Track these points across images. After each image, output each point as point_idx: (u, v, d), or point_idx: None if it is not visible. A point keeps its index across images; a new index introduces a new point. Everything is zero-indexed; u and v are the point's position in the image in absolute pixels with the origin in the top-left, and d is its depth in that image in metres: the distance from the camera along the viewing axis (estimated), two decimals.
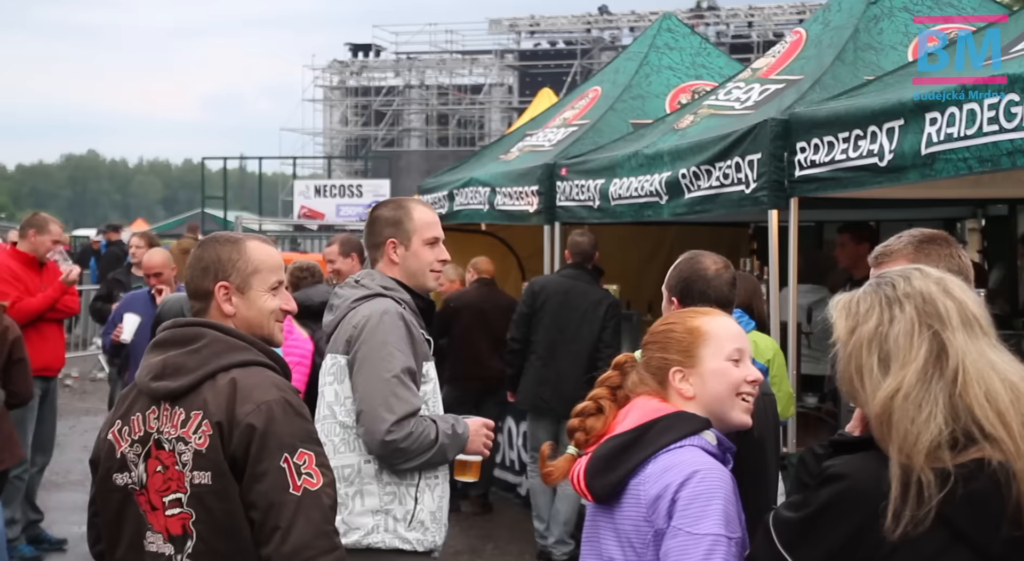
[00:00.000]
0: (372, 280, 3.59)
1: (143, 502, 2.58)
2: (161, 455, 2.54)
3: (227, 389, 2.50)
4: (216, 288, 2.65)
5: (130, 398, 2.67)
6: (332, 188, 28.61)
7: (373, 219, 3.66)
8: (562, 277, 7.25)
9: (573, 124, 8.49)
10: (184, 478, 2.50)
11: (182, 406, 2.53)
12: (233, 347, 2.59)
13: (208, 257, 2.68)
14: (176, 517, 2.51)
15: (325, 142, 45.59)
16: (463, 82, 44.53)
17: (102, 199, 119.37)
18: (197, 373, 2.54)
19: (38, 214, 7.43)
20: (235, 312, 2.66)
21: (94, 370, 14.86)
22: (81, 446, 10.23)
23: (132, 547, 2.60)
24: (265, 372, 2.58)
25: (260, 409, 2.47)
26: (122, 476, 2.61)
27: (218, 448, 2.47)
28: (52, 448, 7.31)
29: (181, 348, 2.59)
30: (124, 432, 2.61)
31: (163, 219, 58.89)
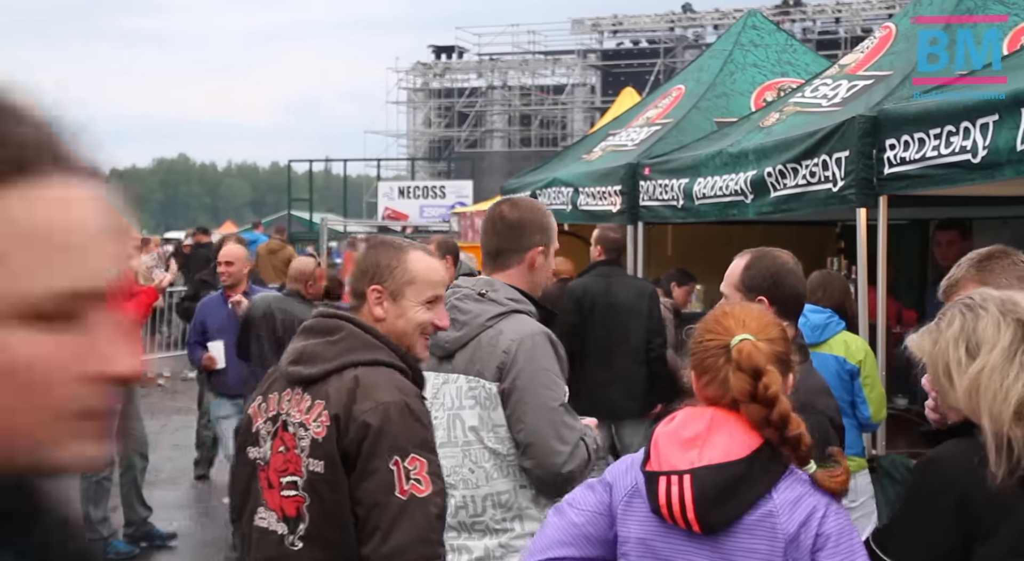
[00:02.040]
0: (496, 292, 3.33)
1: (262, 478, 2.65)
2: (285, 437, 2.61)
3: (350, 384, 2.55)
4: (369, 291, 2.70)
5: (274, 377, 2.76)
6: (415, 189, 28.82)
7: (518, 222, 3.37)
8: (598, 276, 7.08)
9: (656, 123, 8.43)
10: (301, 463, 2.56)
11: (309, 393, 2.60)
12: (367, 345, 2.63)
13: (369, 260, 2.75)
14: (291, 499, 2.57)
15: (408, 144, 45.95)
16: (545, 82, 44.54)
17: (192, 202, 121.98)
18: (328, 364, 2.60)
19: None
20: (385, 317, 2.70)
21: (184, 370, 15.14)
22: (172, 445, 10.45)
23: (249, 520, 2.69)
24: (391, 373, 2.60)
25: (378, 409, 2.50)
26: (254, 450, 2.70)
27: (333, 440, 2.52)
28: (148, 449, 7.45)
29: (320, 338, 2.66)
30: (262, 408, 2.71)
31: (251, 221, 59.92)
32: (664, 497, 2.20)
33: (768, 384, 2.19)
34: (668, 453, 2.24)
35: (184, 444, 10.32)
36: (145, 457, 7.33)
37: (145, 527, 7.26)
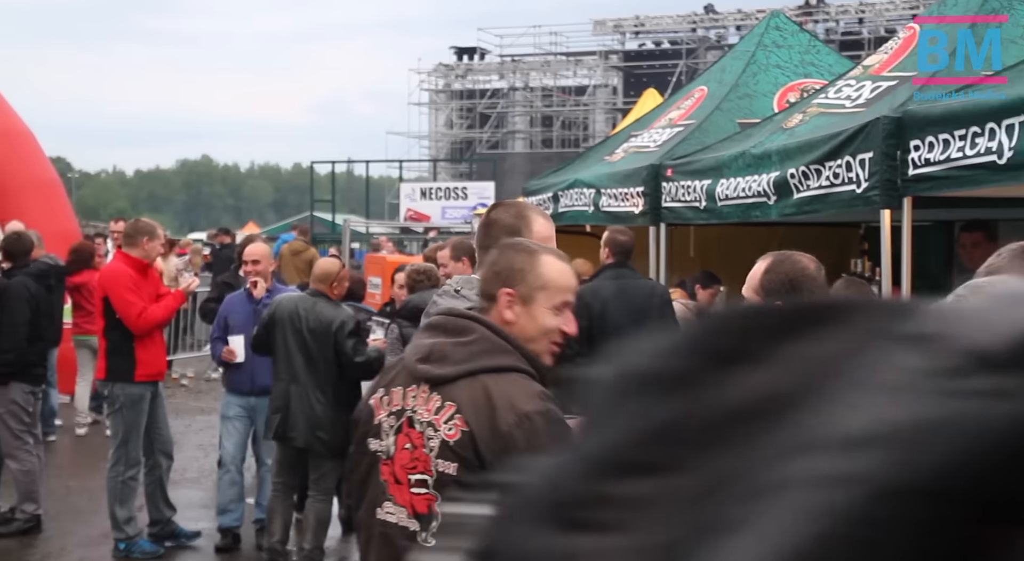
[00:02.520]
0: (472, 289, 3.43)
1: (386, 472, 2.65)
2: (411, 434, 2.62)
3: (485, 392, 2.55)
4: (500, 293, 2.70)
5: (395, 370, 2.75)
6: (437, 191, 28.88)
7: (490, 222, 3.51)
8: (608, 279, 7.02)
9: (679, 124, 8.42)
10: (431, 462, 2.57)
11: (439, 393, 2.60)
12: (499, 349, 2.62)
13: (502, 263, 2.75)
14: (422, 497, 2.58)
15: (430, 145, 46.04)
16: (567, 84, 44.54)
17: (215, 203, 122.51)
18: (459, 366, 2.59)
19: (144, 221, 7.36)
20: (515, 321, 2.69)
21: (208, 370, 15.22)
22: (196, 445, 10.51)
23: (369, 511, 2.70)
24: (524, 379, 2.60)
25: (522, 421, 2.50)
26: (375, 442, 2.69)
27: (468, 446, 2.52)
28: (173, 448, 7.49)
29: (451, 337, 2.65)
30: (384, 401, 2.70)
31: (273, 222, 60.16)
32: None
33: None
34: None
35: (208, 444, 10.37)
36: (170, 457, 7.38)
37: (170, 526, 7.31)
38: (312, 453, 6.64)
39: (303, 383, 6.55)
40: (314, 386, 6.54)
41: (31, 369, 7.58)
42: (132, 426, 6.95)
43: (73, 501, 8.43)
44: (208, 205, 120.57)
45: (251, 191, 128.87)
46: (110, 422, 7.26)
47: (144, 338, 6.95)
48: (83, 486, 8.80)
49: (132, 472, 6.99)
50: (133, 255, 7.04)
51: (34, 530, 7.49)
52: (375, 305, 9.79)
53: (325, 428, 6.53)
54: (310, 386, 6.54)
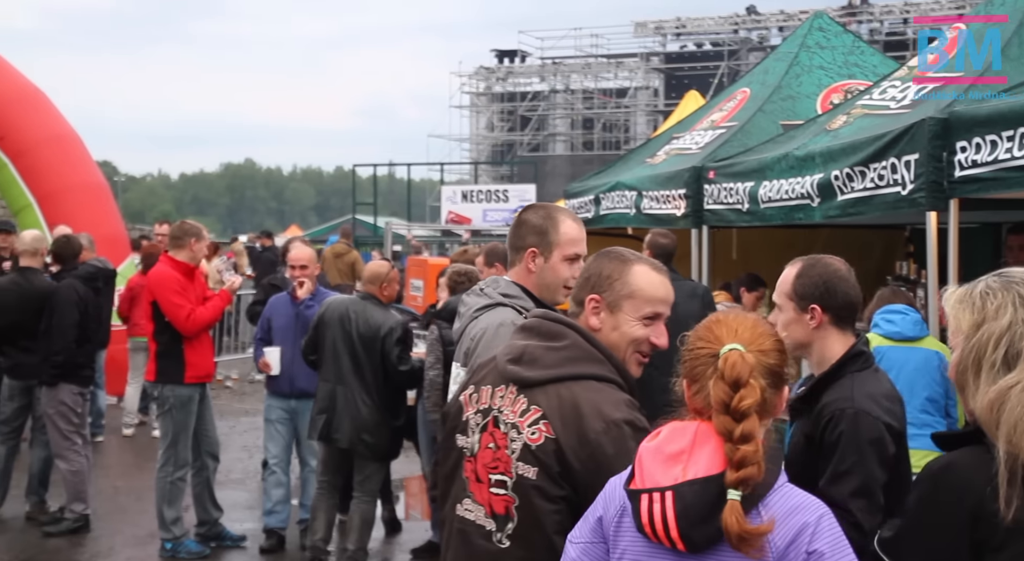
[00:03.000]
0: (495, 288, 3.50)
1: (469, 469, 2.66)
2: (496, 434, 2.61)
3: (573, 400, 2.54)
4: (587, 299, 2.71)
5: (487, 369, 2.75)
6: (478, 193, 28.90)
7: (520, 222, 3.55)
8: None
9: (721, 126, 8.39)
10: (511, 464, 2.56)
11: (526, 396, 2.59)
12: (590, 357, 2.62)
13: (592, 269, 2.75)
14: (501, 497, 2.58)
15: (471, 148, 46.13)
16: (608, 86, 44.45)
17: (258, 206, 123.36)
18: (550, 371, 2.59)
19: (191, 223, 7.41)
20: (600, 328, 2.70)
21: (252, 372, 15.35)
22: (241, 446, 10.60)
23: (452, 506, 2.72)
24: (612, 389, 2.60)
25: (610, 429, 2.50)
26: (462, 439, 2.71)
27: (551, 453, 2.51)
28: (219, 450, 7.57)
29: (543, 341, 2.65)
30: (473, 398, 2.71)
31: (316, 225, 60.53)
32: (647, 515, 2.15)
33: (744, 397, 2.12)
34: (652, 470, 2.19)
35: (252, 446, 10.47)
36: (216, 458, 7.45)
37: (216, 528, 7.38)
38: (356, 455, 6.69)
39: (349, 385, 6.59)
40: (360, 389, 6.58)
41: (80, 370, 7.68)
42: (181, 427, 7.03)
43: (121, 501, 8.54)
44: (251, 208, 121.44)
45: (293, 194, 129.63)
46: (159, 423, 7.35)
47: (193, 340, 7.03)
48: (130, 486, 8.91)
49: (181, 473, 7.07)
50: (179, 258, 7.11)
51: (83, 529, 7.60)
52: (418, 308, 9.84)
53: (370, 431, 6.58)
54: (356, 388, 6.58)
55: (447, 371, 6.66)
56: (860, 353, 3.23)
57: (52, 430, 7.62)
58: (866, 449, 3.02)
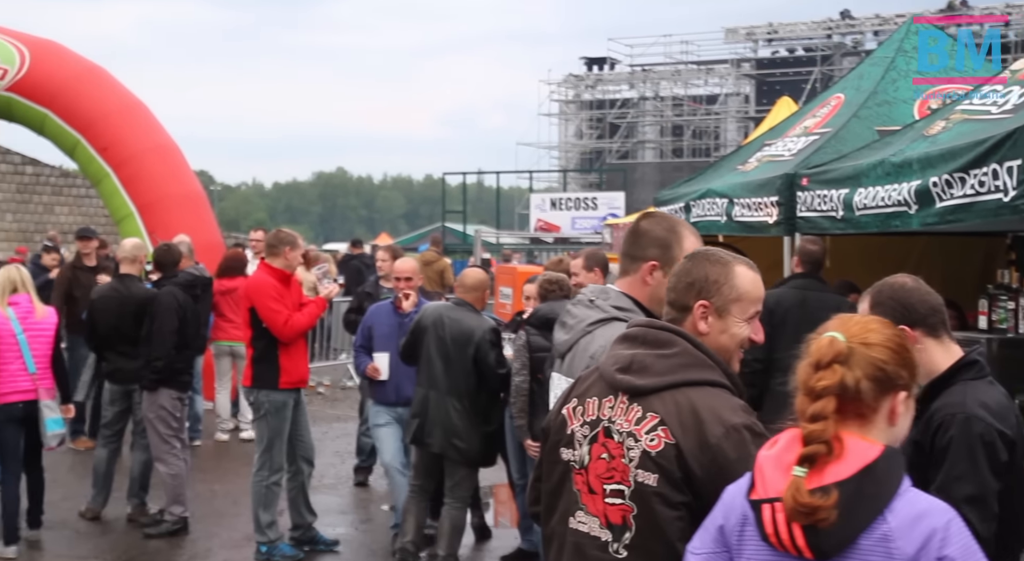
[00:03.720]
0: (606, 299, 3.39)
1: (580, 482, 2.65)
2: (609, 444, 2.60)
3: (691, 405, 2.54)
4: (696, 305, 2.71)
5: (590, 380, 2.75)
6: (567, 201, 28.91)
7: (641, 232, 3.41)
8: (794, 288, 6.99)
9: (814, 133, 8.27)
10: (629, 472, 2.55)
11: (640, 404, 2.58)
12: (701, 363, 2.63)
13: (696, 274, 2.74)
14: (617, 507, 2.57)
15: (560, 155, 46.16)
16: (698, 92, 44.13)
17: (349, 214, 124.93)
18: (663, 378, 2.59)
19: (286, 231, 7.51)
20: (708, 332, 2.70)
21: (343, 379, 15.56)
22: (333, 452, 10.75)
23: (562, 520, 2.71)
24: (729, 396, 2.61)
25: (730, 434, 2.51)
26: (568, 452, 2.70)
27: (672, 459, 2.50)
28: (314, 455, 7.67)
29: (652, 349, 2.66)
30: (578, 411, 2.70)
31: (405, 233, 61.11)
32: (771, 525, 2.12)
33: (821, 377, 2.13)
34: (772, 478, 2.17)
35: (345, 451, 10.61)
36: (311, 463, 7.56)
37: (310, 532, 7.49)
38: (447, 460, 6.74)
39: (441, 390, 6.65)
40: (451, 394, 6.63)
41: (179, 376, 7.87)
42: (276, 432, 7.15)
43: (217, 504, 8.71)
44: (343, 216, 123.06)
45: (384, 202, 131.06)
46: (255, 428, 7.48)
47: (288, 346, 7.15)
48: (226, 490, 9.09)
49: (276, 477, 7.19)
50: (275, 265, 7.24)
51: (181, 532, 7.78)
52: (505, 315, 9.87)
53: (461, 436, 6.62)
54: (448, 393, 6.64)
55: (533, 378, 6.69)
56: (974, 362, 3.19)
57: (152, 434, 7.81)
58: (978, 454, 2.97)
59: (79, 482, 9.08)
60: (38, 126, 13.54)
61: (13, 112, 13.57)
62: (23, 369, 7.19)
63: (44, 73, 13.29)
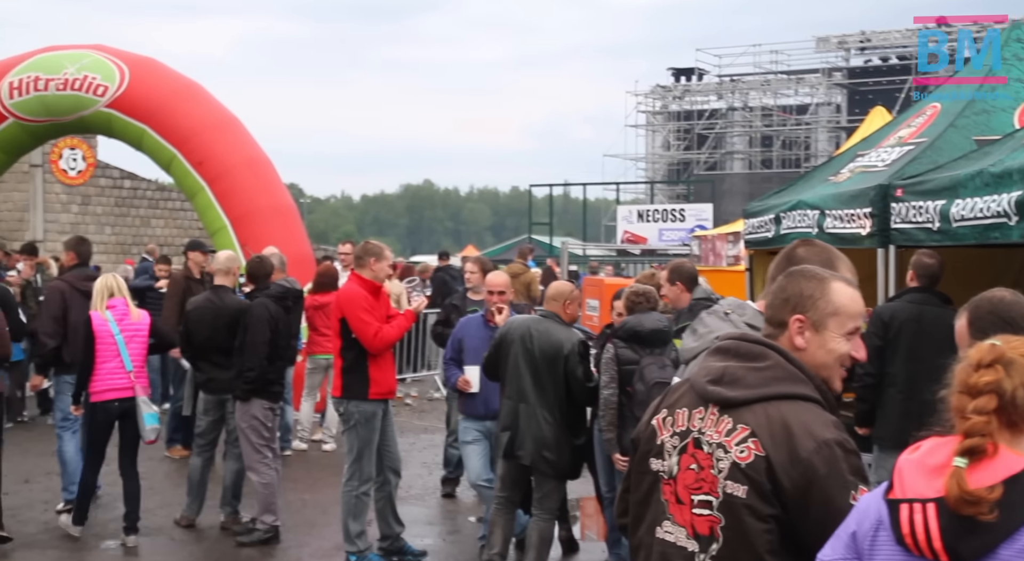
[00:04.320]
0: (741, 315, 3.40)
1: (668, 492, 2.68)
2: (698, 455, 2.62)
3: (782, 419, 2.55)
4: (791, 320, 2.72)
5: (680, 391, 2.77)
6: (654, 213, 28.80)
7: (795, 258, 3.31)
8: (909, 303, 6.85)
9: (909, 143, 8.11)
10: (718, 483, 2.57)
11: (731, 416, 2.60)
12: (793, 377, 2.63)
13: (791, 289, 2.76)
14: (704, 518, 2.59)
15: (647, 167, 45.96)
16: (788, 102, 43.61)
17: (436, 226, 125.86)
18: (754, 390, 2.60)
19: (372, 243, 7.59)
20: (806, 347, 2.70)
21: (431, 390, 15.66)
22: (420, 463, 10.81)
23: (649, 530, 2.74)
24: (820, 410, 2.60)
25: (821, 448, 2.50)
26: (657, 462, 2.72)
27: (762, 471, 2.51)
28: (401, 466, 7.73)
29: (744, 362, 2.67)
30: (667, 422, 2.73)
31: (491, 245, 61.37)
32: (908, 526, 2.08)
33: (983, 374, 2.08)
34: (913, 481, 2.13)
35: (432, 462, 10.66)
36: (398, 474, 7.62)
37: (399, 542, 7.53)
38: (537, 472, 6.73)
39: (531, 403, 6.65)
40: (542, 406, 6.63)
41: (270, 386, 7.99)
42: (366, 442, 7.22)
43: (308, 514, 8.82)
44: (429, 228, 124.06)
45: (470, 214, 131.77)
46: (345, 438, 7.56)
47: (377, 357, 7.22)
48: (316, 499, 9.20)
49: (365, 487, 7.25)
50: (365, 276, 7.32)
51: (273, 540, 7.88)
52: (594, 327, 9.85)
53: (551, 448, 6.61)
54: (538, 406, 6.63)
55: (622, 391, 6.66)
56: None
57: (244, 443, 7.94)
58: None
59: (174, 490, 9.27)
60: (136, 141, 13.90)
61: (113, 128, 13.97)
62: (120, 367, 7.66)
63: (143, 90, 13.65)
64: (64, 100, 13.72)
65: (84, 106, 13.71)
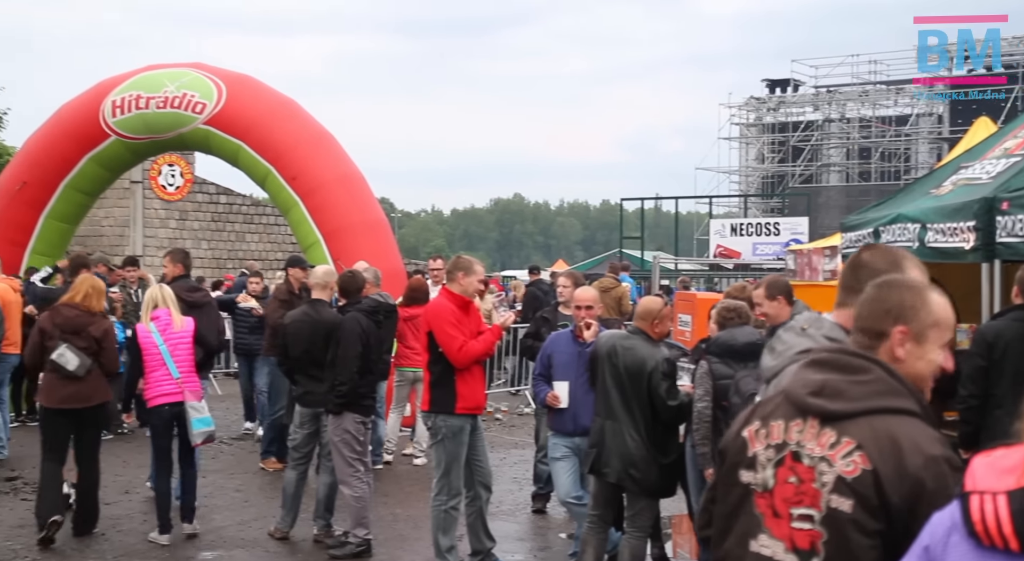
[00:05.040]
0: (819, 329, 3.35)
1: (763, 505, 2.65)
2: (797, 468, 2.59)
3: (889, 433, 2.52)
4: (893, 331, 2.70)
5: (774, 403, 2.74)
6: (748, 226, 28.48)
7: (860, 264, 3.35)
8: (1015, 321, 6.60)
9: (1016, 154, 7.85)
10: (820, 497, 2.53)
11: (833, 428, 2.56)
12: (896, 391, 2.60)
13: (892, 299, 2.73)
14: (805, 532, 2.55)
15: (740, 180, 45.47)
16: (887, 113, 42.77)
17: (526, 241, 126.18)
18: (858, 404, 2.56)
19: (463, 257, 7.65)
20: (905, 359, 2.68)
21: (521, 405, 15.63)
22: (511, 478, 10.77)
23: (740, 543, 2.70)
24: (925, 425, 2.58)
25: (929, 464, 2.47)
26: (748, 474, 2.69)
27: (870, 485, 2.47)
28: (492, 481, 7.69)
29: (845, 374, 2.63)
30: (761, 434, 2.70)
31: (581, 259, 61.26)
32: (979, 514, 2.09)
33: None
34: (984, 477, 2.14)
35: (522, 478, 10.62)
36: (489, 488, 7.59)
37: (490, 558, 7.50)
38: (626, 489, 6.66)
39: (618, 420, 6.59)
40: (628, 423, 6.57)
41: (362, 400, 8.03)
42: (453, 457, 7.21)
43: (399, 528, 8.84)
44: (519, 242, 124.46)
45: (560, 228, 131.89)
46: (433, 453, 7.56)
47: (464, 372, 7.21)
48: (408, 514, 9.22)
49: (454, 502, 7.24)
50: (454, 291, 7.35)
51: (365, 554, 7.90)
52: (686, 343, 9.72)
53: (638, 466, 6.54)
54: (624, 423, 6.57)
55: (716, 405, 6.55)
56: None
57: (337, 457, 7.99)
58: None
59: (268, 503, 9.37)
60: (232, 157, 14.17)
61: (210, 144, 14.26)
62: (168, 375, 8.14)
63: (239, 106, 13.92)
64: (164, 118, 14.05)
65: (183, 123, 14.03)
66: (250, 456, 11.64)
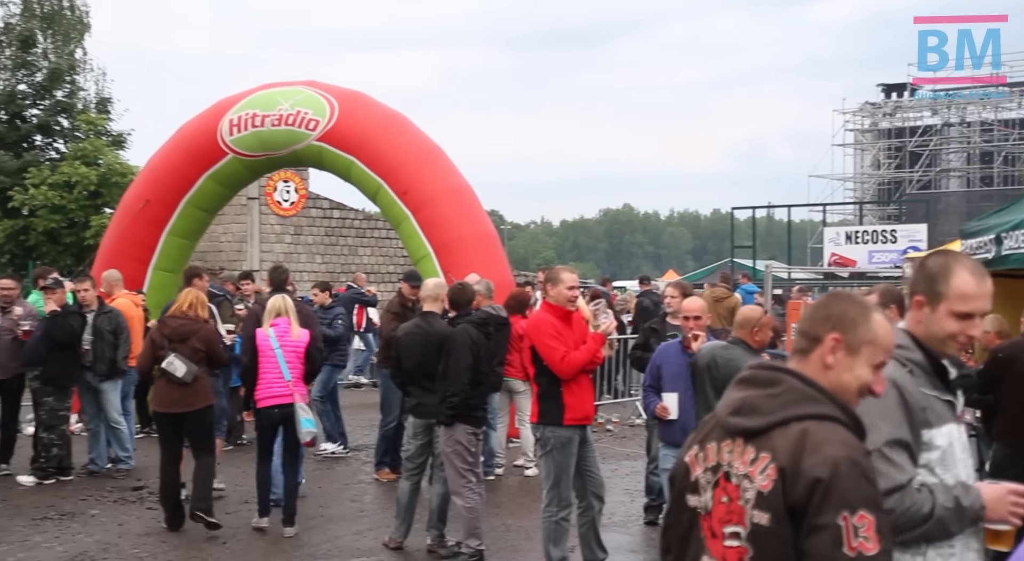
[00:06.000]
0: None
1: (705, 527, 2.71)
2: (728, 487, 2.65)
3: (797, 438, 2.57)
4: (827, 337, 2.75)
5: (709, 426, 2.82)
6: (864, 234, 27.81)
7: (918, 266, 3.44)
8: None
9: None
10: (745, 514, 2.59)
11: (753, 445, 2.62)
12: (809, 398, 2.65)
13: (834, 308, 2.80)
14: (734, 549, 2.62)
15: (855, 187, 44.54)
16: (1010, 116, 41.42)
17: (635, 250, 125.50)
18: (771, 417, 2.63)
19: (554, 267, 7.73)
20: (834, 366, 2.74)
21: (632, 416, 15.53)
22: (623, 489, 10.70)
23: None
24: (837, 428, 2.61)
25: (826, 463, 2.50)
26: (693, 498, 2.76)
27: (779, 494, 2.53)
28: (604, 491, 7.66)
29: (761, 389, 2.70)
30: (700, 457, 2.77)
31: (692, 269, 60.69)
32: None
33: None
34: None
35: (634, 489, 10.54)
36: (601, 499, 7.56)
37: None
38: None
39: None
40: None
41: (473, 412, 8.06)
42: (563, 468, 7.20)
43: (511, 539, 8.85)
44: (629, 253, 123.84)
45: (670, 238, 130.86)
46: (542, 464, 7.57)
47: (571, 383, 7.20)
48: (520, 525, 9.22)
49: (564, 513, 7.23)
50: (551, 302, 7.42)
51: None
52: None
53: None
54: None
55: None
56: None
57: (449, 468, 8.04)
58: None
59: (383, 513, 9.48)
60: (344, 172, 14.40)
61: (324, 160, 14.52)
62: (280, 377, 8.73)
63: (351, 123, 14.15)
64: (279, 135, 14.36)
65: (297, 140, 14.32)
66: (364, 467, 11.80)
